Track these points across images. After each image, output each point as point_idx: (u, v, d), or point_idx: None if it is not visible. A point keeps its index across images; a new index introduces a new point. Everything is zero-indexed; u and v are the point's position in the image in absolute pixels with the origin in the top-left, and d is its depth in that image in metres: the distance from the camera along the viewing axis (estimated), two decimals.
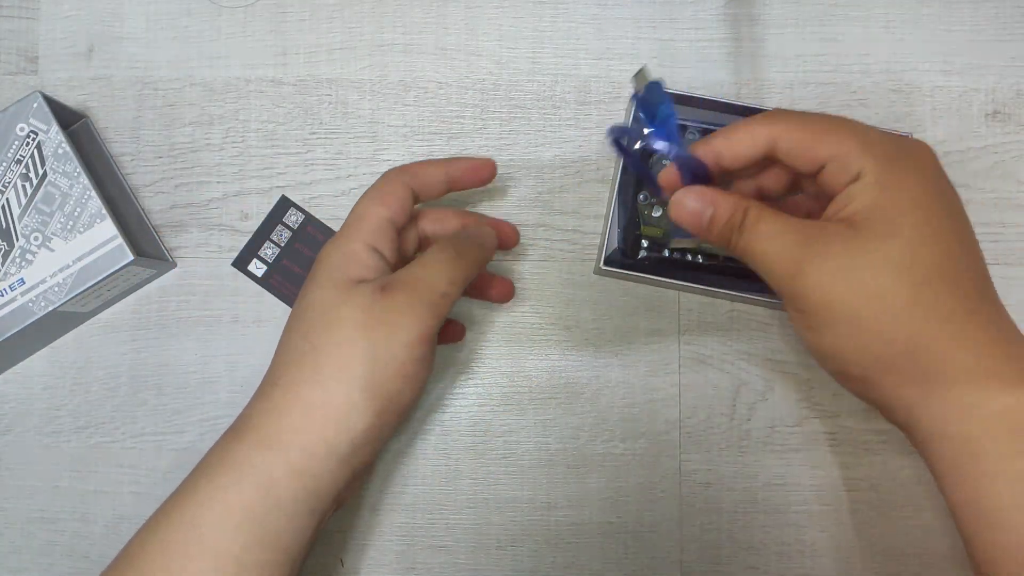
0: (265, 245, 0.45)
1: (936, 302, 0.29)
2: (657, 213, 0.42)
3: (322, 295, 0.33)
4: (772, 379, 0.44)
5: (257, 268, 0.45)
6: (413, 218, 0.39)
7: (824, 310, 0.30)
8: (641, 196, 0.43)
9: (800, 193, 0.36)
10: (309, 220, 0.45)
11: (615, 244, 0.43)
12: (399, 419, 0.34)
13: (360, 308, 0.32)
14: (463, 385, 0.44)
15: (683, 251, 0.42)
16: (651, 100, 0.32)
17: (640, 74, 0.32)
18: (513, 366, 0.44)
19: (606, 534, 0.43)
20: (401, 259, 0.38)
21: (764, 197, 0.36)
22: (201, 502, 0.31)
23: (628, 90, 0.46)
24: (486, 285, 0.42)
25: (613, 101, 0.46)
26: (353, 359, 0.32)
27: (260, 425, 0.32)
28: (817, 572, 0.43)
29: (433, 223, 0.40)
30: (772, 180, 0.35)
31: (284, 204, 0.45)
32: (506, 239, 0.41)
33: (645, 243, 0.42)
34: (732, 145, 0.32)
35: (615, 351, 0.44)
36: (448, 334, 0.43)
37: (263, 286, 0.45)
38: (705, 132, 0.43)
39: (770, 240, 0.31)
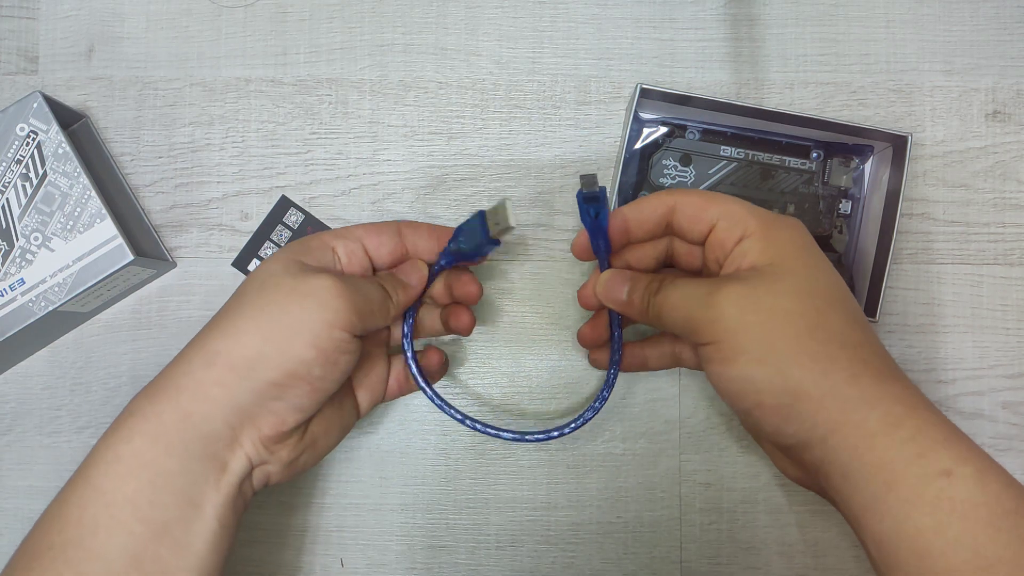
0: (265, 245, 0.45)
1: (840, 328, 0.32)
2: None
3: (267, 267, 0.34)
4: None
5: None
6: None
7: (735, 335, 0.32)
8: (642, 196, 0.43)
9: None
10: (309, 220, 0.45)
11: None
12: (310, 396, 0.33)
13: (295, 279, 0.33)
14: (463, 385, 0.44)
15: None
16: (593, 200, 0.36)
17: (588, 178, 0.36)
18: (513, 366, 0.44)
19: (606, 534, 0.43)
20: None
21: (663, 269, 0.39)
22: (95, 460, 0.31)
23: (628, 88, 0.46)
24: (448, 316, 0.41)
25: (613, 101, 0.46)
26: (274, 318, 0.32)
27: (160, 379, 0.33)
28: (817, 572, 0.43)
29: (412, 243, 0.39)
30: (667, 252, 0.39)
31: (284, 204, 0.45)
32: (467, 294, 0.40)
33: None
34: (640, 211, 0.36)
35: None
36: (432, 365, 0.41)
37: None
38: (705, 132, 0.43)
39: (681, 292, 0.34)
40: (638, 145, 0.43)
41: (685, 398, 0.44)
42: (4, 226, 0.41)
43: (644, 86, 0.41)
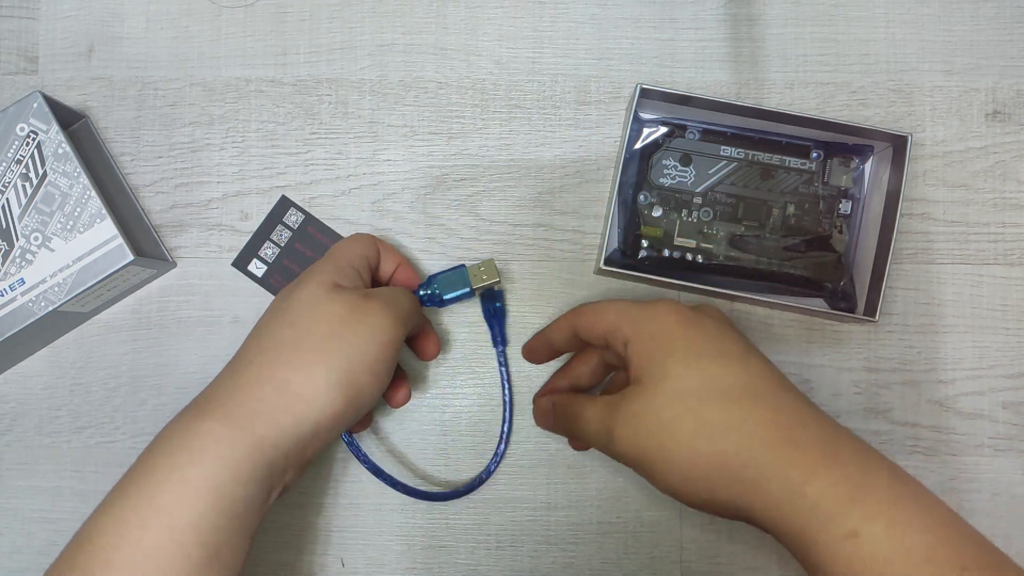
0: (265, 245, 0.45)
1: (721, 416, 0.33)
2: (657, 213, 0.43)
3: (310, 292, 0.36)
4: None
5: (257, 268, 0.45)
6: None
7: (644, 459, 0.34)
8: (641, 196, 0.43)
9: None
10: (309, 220, 0.45)
11: (615, 244, 0.43)
12: (358, 414, 0.36)
13: (345, 306, 0.35)
14: (463, 385, 0.44)
15: (683, 250, 0.42)
16: (490, 298, 0.44)
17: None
18: (513, 366, 0.44)
19: (606, 534, 0.43)
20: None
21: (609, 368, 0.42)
22: (159, 480, 0.32)
23: (628, 88, 0.46)
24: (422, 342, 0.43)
25: (613, 101, 0.46)
26: (334, 349, 0.34)
27: (227, 401, 0.33)
28: None
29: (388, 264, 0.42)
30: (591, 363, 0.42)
31: (284, 204, 0.45)
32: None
33: (645, 243, 0.42)
34: (552, 334, 0.41)
35: None
36: (424, 347, 0.42)
37: (263, 286, 0.45)
38: (705, 132, 0.43)
39: (589, 422, 0.37)
40: (638, 145, 0.43)
41: None
42: (4, 226, 0.41)
43: (644, 86, 0.41)
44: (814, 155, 0.43)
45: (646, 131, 0.43)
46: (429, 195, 0.45)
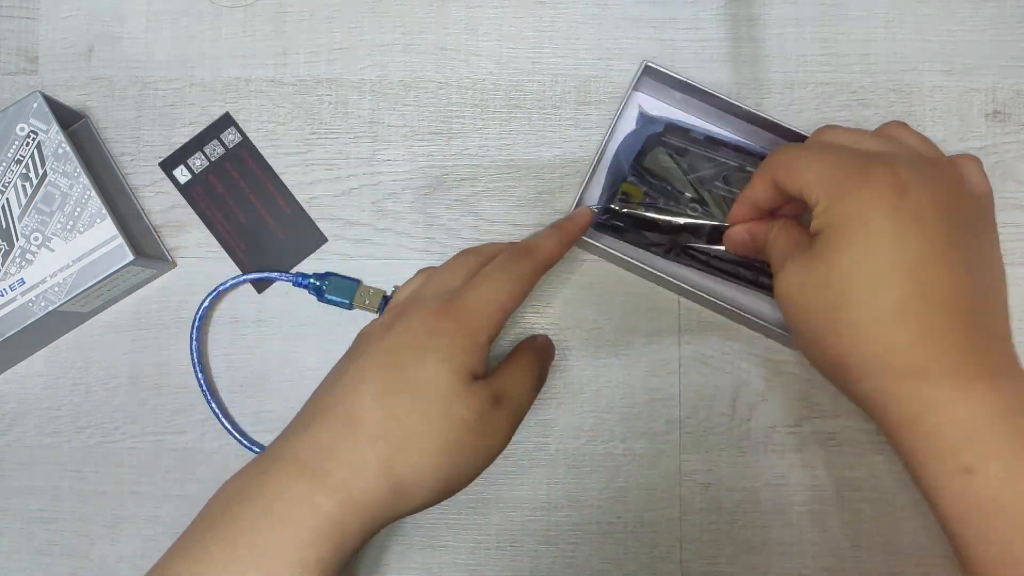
0: (196, 155, 0.45)
1: (893, 302, 0.31)
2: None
3: (447, 382, 0.33)
4: (772, 379, 0.44)
5: (182, 175, 0.45)
6: None
7: (791, 305, 0.34)
8: (632, 179, 0.42)
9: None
10: (246, 144, 0.45)
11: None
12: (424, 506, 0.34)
13: (475, 413, 0.33)
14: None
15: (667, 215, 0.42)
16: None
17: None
18: None
19: (606, 534, 0.43)
20: None
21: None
22: (254, 541, 0.30)
23: (625, 82, 0.46)
24: None
25: (613, 101, 0.46)
26: (453, 453, 0.32)
27: (343, 486, 0.31)
28: (818, 572, 0.43)
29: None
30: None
31: (226, 121, 0.45)
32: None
33: (622, 197, 0.42)
34: (753, 193, 0.38)
35: (615, 351, 0.44)
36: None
37: (182, 194, 0.45)
38: (709, 141, 0.43)
39: (776, 247, 0.36)
40: (635, 137, 0.43)
41: (685, 398, 0.44)
42: (4, 226, 0.41)
43: (649, 63, 0.41)
44: None
45: (649, 127, 0.43)
46: (429, 195, 0.45)
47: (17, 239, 0.40)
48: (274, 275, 0.44)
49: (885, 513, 0.43)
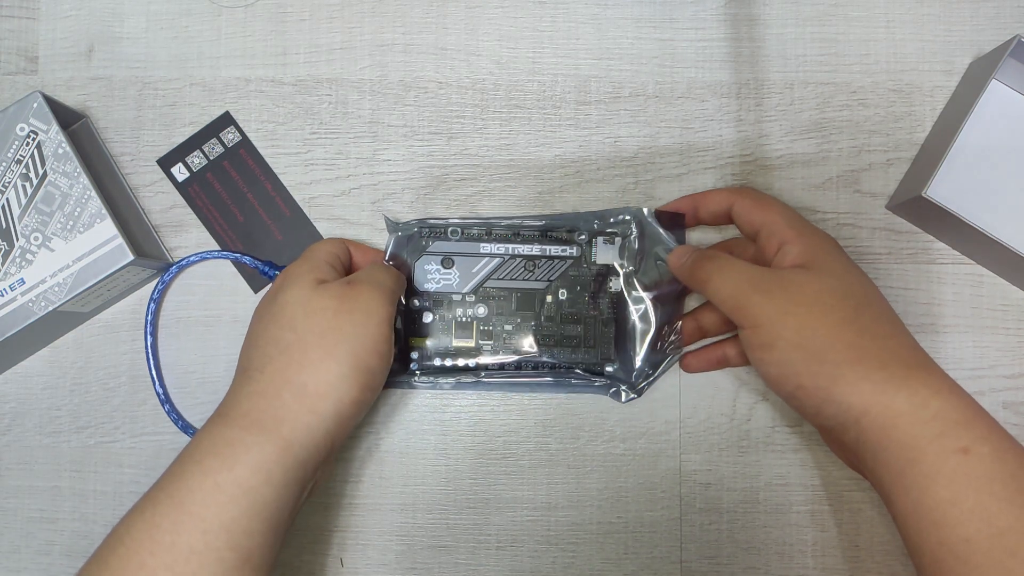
0: (195, 153, 0.45)
1: (871, 324, 0.35)
2: (428, 319, 0.43)
3: (297, 292, 0.37)
4: None
5: (180, 173, 0.45)
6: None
7: (775, 322, 0.35)
8: (415, 301, 0.43)
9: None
10: (245, 144, 0.45)
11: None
12: (374, 395, 0.37)
13: (334, 298, 0.37)
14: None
15: (462, 355, 0.43)
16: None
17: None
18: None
19: (606, 534, 0.43)
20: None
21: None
22: (191, 486, 0.32)
23: (628, 88, 0.46)
24: None
25: (613, 101, 0.46)
26: (338, 342, 0.36)
27: (250, 409, 0.35)
28: (818, 572, 0.43)
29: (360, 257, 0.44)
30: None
31: (226, 120, 0.45)
32: None
33: (415, 355, 0.43)
34: (706, 201, 0.42)
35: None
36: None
37: (179, 192, 0.45)
38: (463, 231, 0.42)
39: (735, 272, 0.37)
40: (393, 250, 0.43)
41: (685, 398, 0.44)
42: (4, 226, 0.41)
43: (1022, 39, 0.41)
44: (581, 237, 0.43)
45: (402, 234, 0.43)
46: (429, 195, 0.45)
47: (17, 239, 0.40)
48: (242, 257, 0.44)
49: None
